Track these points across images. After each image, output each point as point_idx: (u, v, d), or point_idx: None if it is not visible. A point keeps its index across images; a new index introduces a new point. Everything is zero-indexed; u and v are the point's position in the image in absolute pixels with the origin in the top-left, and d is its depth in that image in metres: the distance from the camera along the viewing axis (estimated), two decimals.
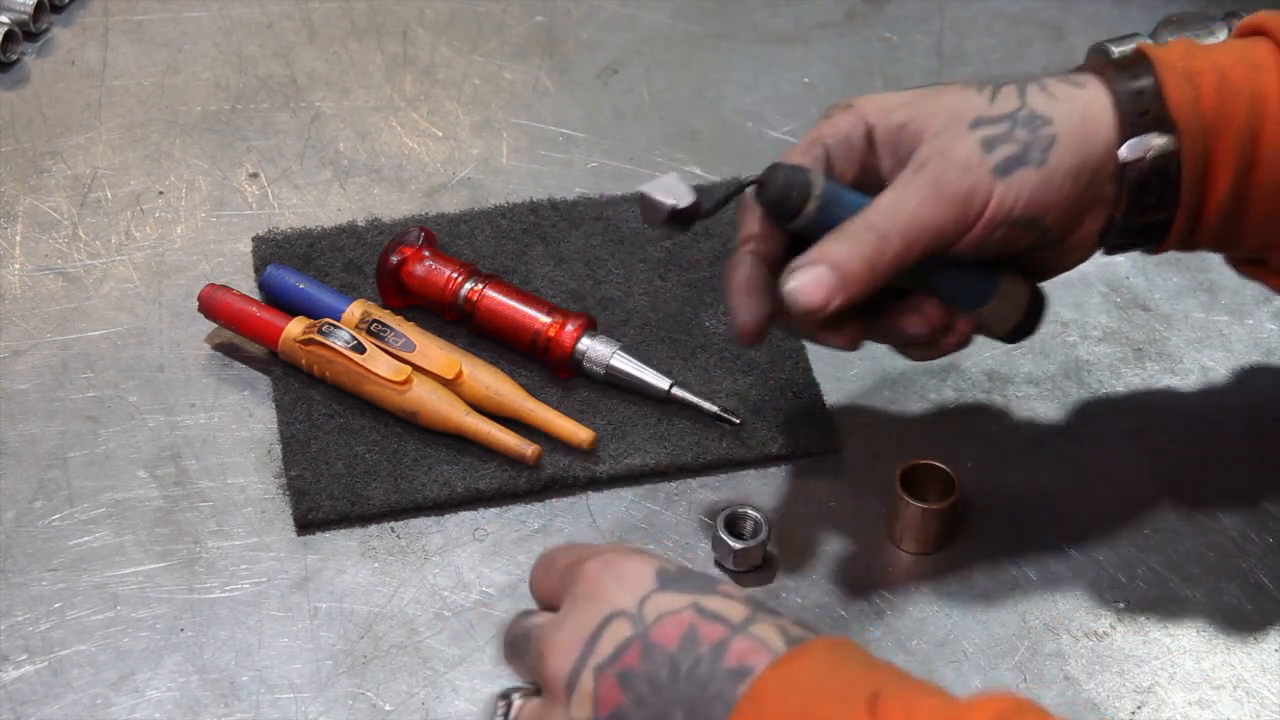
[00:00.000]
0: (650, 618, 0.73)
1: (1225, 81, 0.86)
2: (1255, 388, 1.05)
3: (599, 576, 0.75)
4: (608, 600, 0.74)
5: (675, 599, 0.73)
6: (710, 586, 0.74)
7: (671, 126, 1.19)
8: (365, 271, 1.07)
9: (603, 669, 0.73)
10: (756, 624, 0.72)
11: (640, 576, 0.74)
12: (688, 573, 0.75)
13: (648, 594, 0.74)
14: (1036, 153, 0.85)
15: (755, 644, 0.71)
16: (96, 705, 0.89)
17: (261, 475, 0.99)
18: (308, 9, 1.26)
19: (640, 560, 0.75)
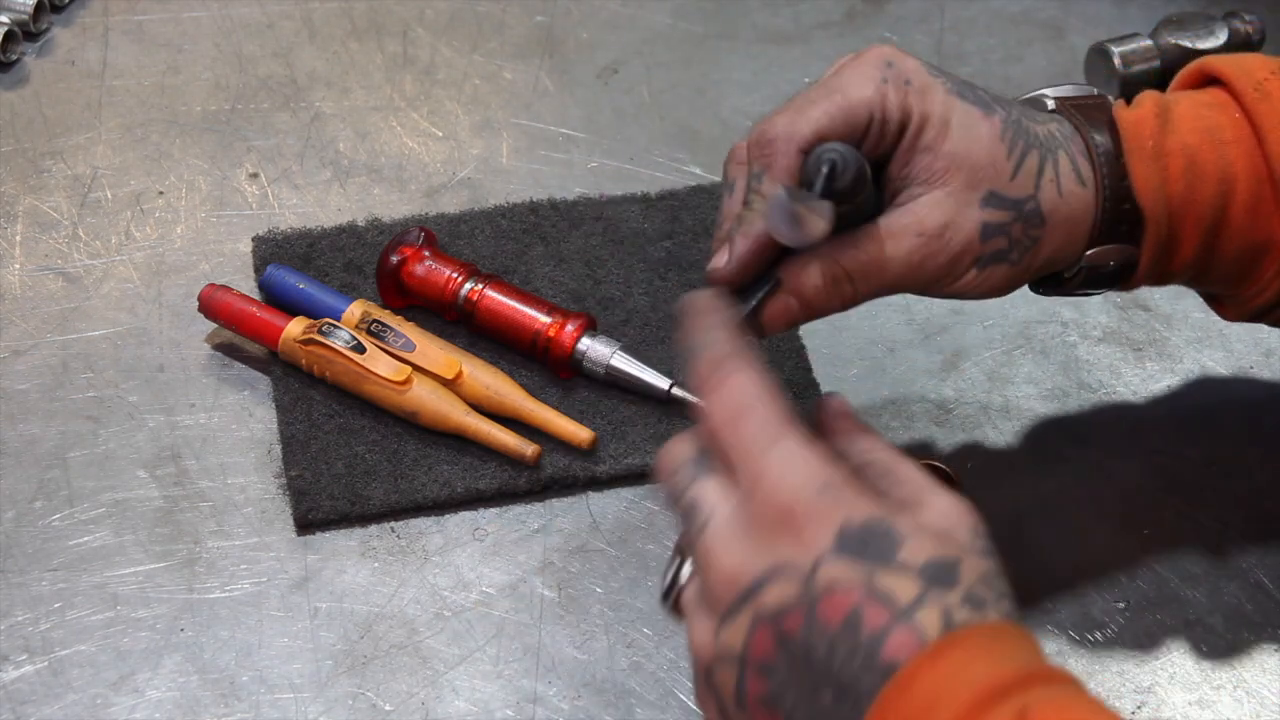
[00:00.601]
0: (819, 586, 0.70)
1: (1193, 164, 0.87)
2: (1255, 388, 1.05)
3: (780, 512, 0.72)
4: (782, 548, 0.71)
5: (848, 570, 0.70)
6: (889, 554, 0.70)
7: (671, 126, 1.19)
8: (365, 271, 1.07)
9: (762, 619, 0.71)
10: (923, 608, 0.69)
11: (821, 528, 0.71)
12: (871, 532, 0.71)
13: (822, 555, 0.71)
14: (1017, 253, 0.86)
15: (911, 636, 0.69)
16: (96, 705, 0.89)
17: (261, 475, 0.99)
18: (308, 9, 1.26)
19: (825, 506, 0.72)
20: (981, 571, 0.71)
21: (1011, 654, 0.69)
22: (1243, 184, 0.87)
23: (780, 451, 0.73)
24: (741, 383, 0.75)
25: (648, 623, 0.93)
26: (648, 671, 0.91)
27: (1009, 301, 1.07)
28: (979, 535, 0.73)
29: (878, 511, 0.72)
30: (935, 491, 0.74)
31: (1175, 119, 0.88)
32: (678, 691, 0.90)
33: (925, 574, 0.70)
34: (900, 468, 0.75)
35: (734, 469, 0.74)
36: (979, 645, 0.69)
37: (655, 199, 1.13)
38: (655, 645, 0.92)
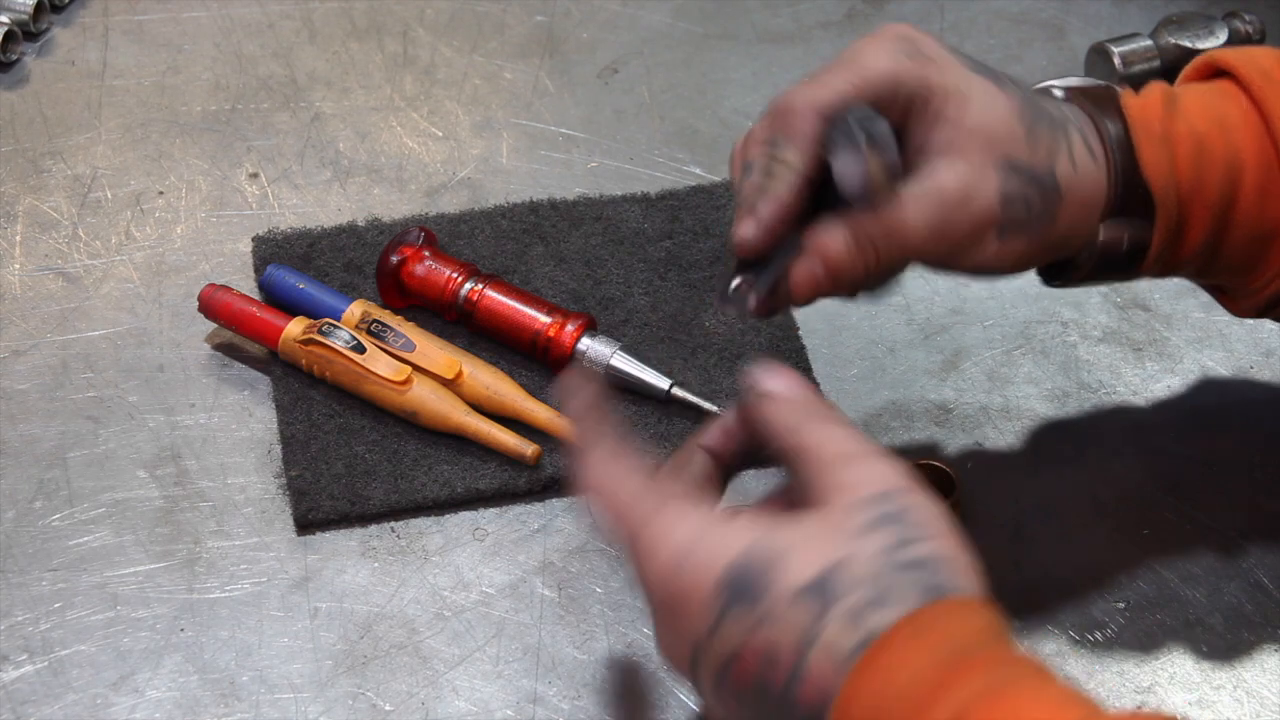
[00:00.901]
0: (724, 658, 0.71)
1: (1201, 148, 0.86)
2: (1255, 388, 1.05)
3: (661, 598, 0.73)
4: (686, 632, 0.73)
5: (735, 632, 0.71)
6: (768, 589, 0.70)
7: (671, 126, 1.19)
8: (365, 271, 1.07)
9: (715, 687, 0.73)
10: (810, 652, 0.69)
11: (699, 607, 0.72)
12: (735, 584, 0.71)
13: (713, 626, 0.71)
14: (1036, 225, 0.85)
15: (824, 665, 0.69)
16: (96, 705, 0.89)
17: (261, 475, 0.99)
18: (308, 9, 1.26)
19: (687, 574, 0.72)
20: (875, 559, 0.70)
21: (932, 648, 0.68)
22: (1251, 169, 0.87)
23: (640, 544, 0.75)
24: (593, 479, 0.77)
25: (648, 623, 0.93)
26: (648, 671, 0.91)
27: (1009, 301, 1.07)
28: (878, 501, 0.72)
29: (739, 552, 0.72)
30: (848, 463, 0.73)
31: (1183, 107, 0.88)
32: (678, 691, 0.91)
33: (811, 592, 0.70)
34: (815, 445, 0.74)
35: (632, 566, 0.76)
36: (890, 657, 0.68)
37: (655, 199, 1.13)
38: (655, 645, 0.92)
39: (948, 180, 0.84)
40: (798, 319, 1.06)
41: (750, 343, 1.04)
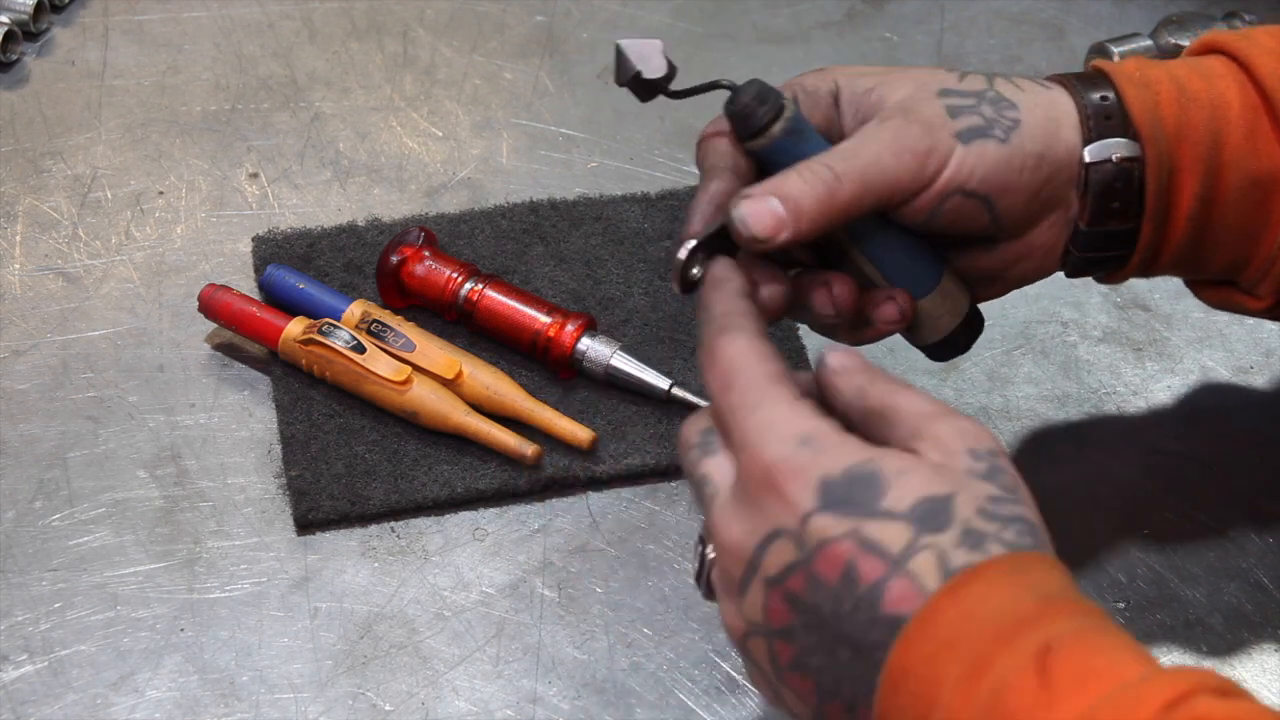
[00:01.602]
0: (811, 543, 0.71)
1: (1183, 90, 0.86)
2: (1255, 388, 1.05)
3: (763, 476, 0.72)
4: (772, 513, 0.72)
5: (835, 523, 0.70)
6: (874, 503, 0.70)
7: (671, 126, 1.19)
8: (365, 271, 1.07)
9: (771, 585, 0.72)
10: (916, 555, 0.69)
11: (803, 486, 0.71)
12: (853, 482, 0.71)
13: (809, 513, 0.71)
14: (1000, 130, 0.85)
15: (910, 586, 0.69)
16: (96, 705, 0.89)
17: (261, 475, 0.99)
18: (308, 9, 1.26)
19: (804, 462, 0.72)
20: (980, 503, 0.70)
21: (1025, 587, 0.68)
22: (1237, 110, 0.86)
23: (761, 413, 0.74)
24: (731, 351, 0.76)
25: (648, 623, 0.93)
26: (648, 671, 0.91)
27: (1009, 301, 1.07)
28: (981, 456, 0.72)
29: (860, 457, 0.72)
30: (937, 418, 0.73)
31: (1159, 62, 0.88)
32: (678, 691, 0.91)
33: (914, 517, 0.70)
34: (899, 403, 0.74)
35: (723, 439, 0.75)
36: (985, 586, 0.68)
37: (655, 199, 1.13)
38: (655, 645, 0.92)
39: (887, 101, 0.85)
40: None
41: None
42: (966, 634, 0.67)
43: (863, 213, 0.84)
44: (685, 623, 0.93)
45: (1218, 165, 0.86)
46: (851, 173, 0.83)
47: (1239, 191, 0.87)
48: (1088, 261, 0.89)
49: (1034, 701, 0.65)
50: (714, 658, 0.92)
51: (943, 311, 0.89)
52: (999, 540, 0.69)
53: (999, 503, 0.71)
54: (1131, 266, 0.89)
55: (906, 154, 0.83)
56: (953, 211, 0.85)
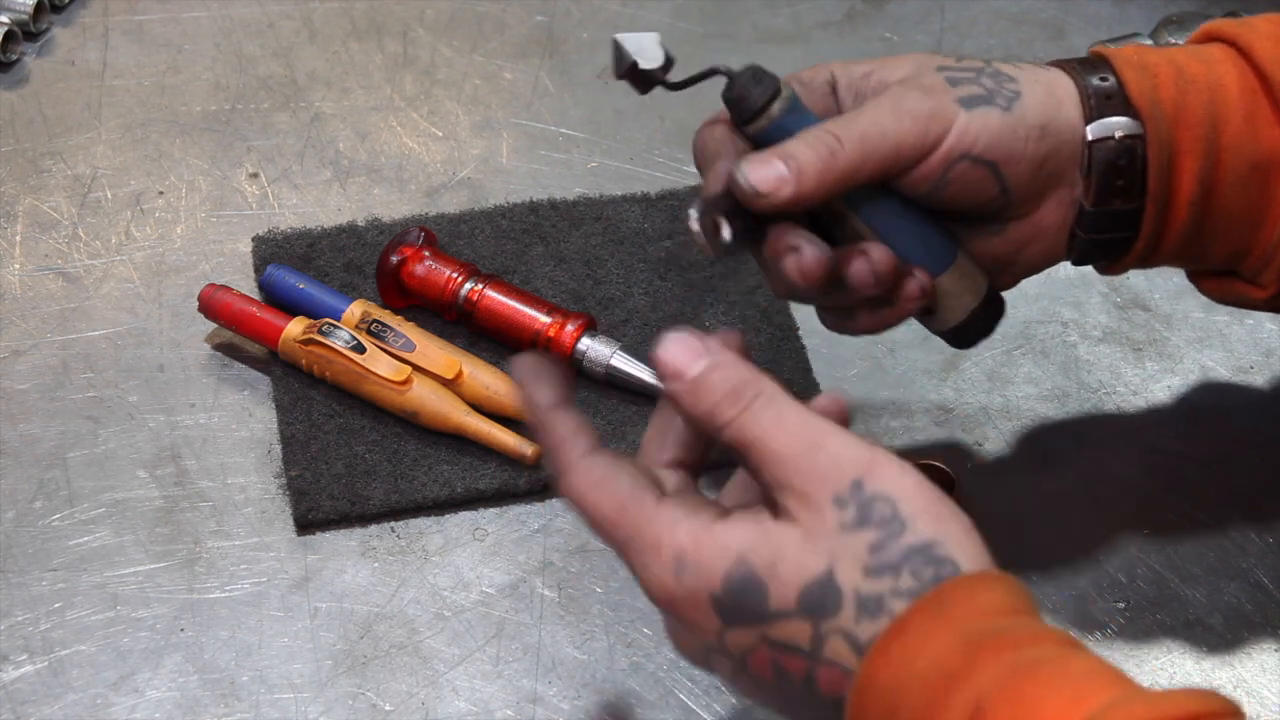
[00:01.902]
0: (737, 654, 0.71)
1: (1182, 74, 0.86)
2: (1255, 388, 1.05)
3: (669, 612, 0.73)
4: (695, 633, 0.72)
5: (744, 635, 0.71)
6: (762, 609, 0.70)
7: (671, 126, 1.19)
8: (365, 271, 1.07)
9: (734, 678, 0.73)
10: (825, 644, 0.69)
11: (701, 613, 0.71)
12: (734, 591, 0.70)
13: (720, 631, 0.71)
14: (1002, 100, 0.85)
15: (835, 672, 0.69)
16: (96, 705, 0.89)
17: (261, 475, 0.99)
18: (308, 9, 1.26)
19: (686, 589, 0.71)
20: (862, 561, 0.68)
21: (948, 632, 0.67)
22: (1235, 94, 0.86)
23: (632, 554, 0.73)
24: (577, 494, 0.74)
25: (648, 623, 0.93)
26: (648, 671, 0.91)
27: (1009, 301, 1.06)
28: (846, 502, 0.69)
29: (730, 559, 0.70)
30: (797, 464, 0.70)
31: (1158, 48, 0.88)
32: (678, 691, 0.91)
33: (805, 610, 0.69)
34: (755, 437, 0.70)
35: None
36: (903, 648, 0.67)
37: (655, 199, 1.13)
38: (655, 645, 0.92)
39: (892, 75, 0.85)
40: (797, 319, 1.06)
41: (750, 343, 1.04)
42: (902, 701, 0.66)
43: (866, 177, 0.83)
44: None
45: (1217, 148, 0.86)
46: (852, 135, 0.83)
47: (1239, 175, 0.87)
48: (1093, 244, 0.88)
49: None
50: None
51: (962, 290, 0.88)
52: (896, 594, 0.68)
53: (881, 550, 0.68)
54: (1135, 253, 0.88)
55: (907, 117, 0.83)
56: (960, 179, 0.84)
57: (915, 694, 0.66)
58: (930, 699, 0.66)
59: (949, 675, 0.66)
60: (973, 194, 0.85)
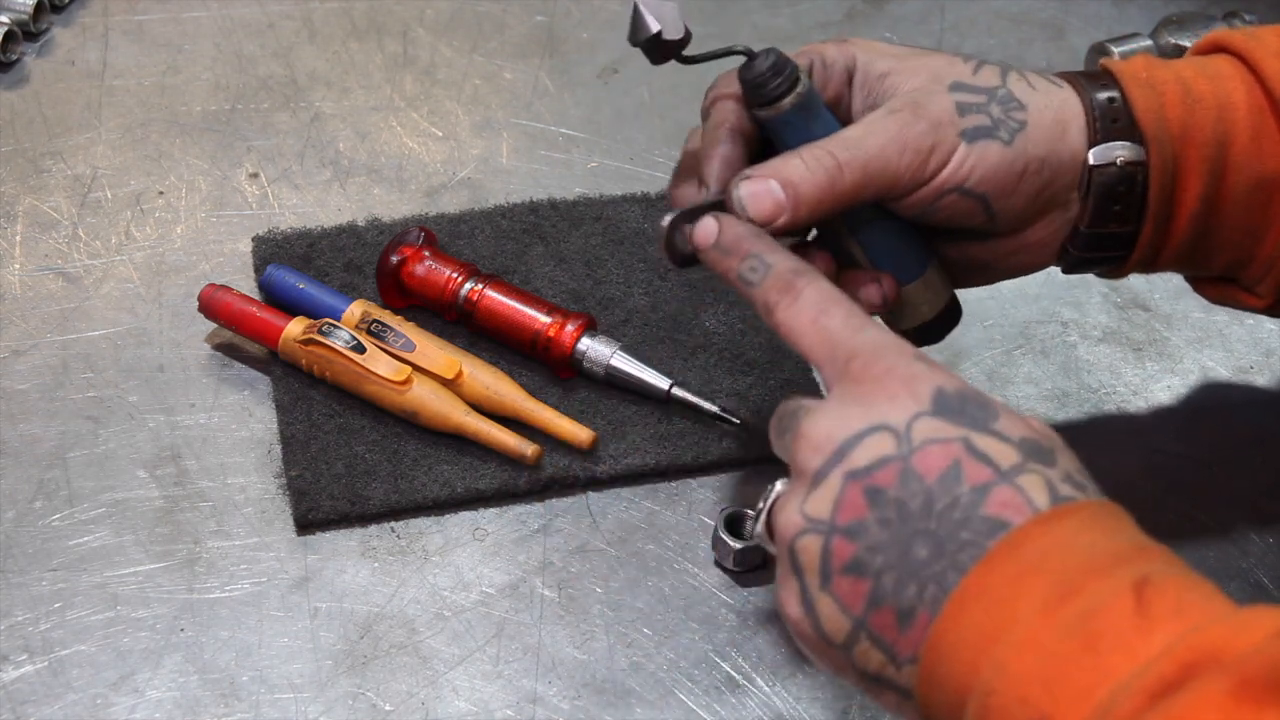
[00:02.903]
0: (916, 440, 0.71)
1: (1189, 92, 0.87)
2: (1255, 388, 1.05)
3: (875, 379, 0.73)
4: (877, 409, 0.72)
5: (946, 428, 0.71)
6: (986, 422, 0.71)
7: (671, 126, 1.19)
8: (365, 271, 1.07)
9: (853, 476, 0.71)
10: (1025, 474, 0.69)
11: (916, 391, 0.72)
12: (966, 399, 0.72)
13: (919, 414, 0.71)
14: (1005, 132, 0.85)
15: (1018, 497, 0.69)
16: (96, 705, 0.89)
17: (261, 475, 0.99)
18: (308, 9, 1.26)
19: (920, 371, 0.73)
20: (1075, 463, 0.71)
21: (1120, 532, 0.69)
22: (1244, 112, 0.86)
23: (873, 330, 0.75)
24: (817, 290, 0.77)
25: (648, 623, 0.93)
26: (648, 671, 0.91)
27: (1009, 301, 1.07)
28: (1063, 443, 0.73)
29: (971, 388, 0.72)
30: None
31: (1166, 62, 0.89)
32: (678, 691, 0.91)
33: (1023, 448, 0.70)
34: None
35: (824, 364, 0.75)
36: (1090, 518, 0.69)
37: (655, 199, 1.13)
38: (655, 645, 0.92)
39: (897, 93, 0.86)
40: None
41: (750, 343, 1.05)
42: (1058, 562, 0.67)
43: (860, 201, 0.85)
44: (685, 623, 0.93)
45: (1223, 167, 0.86)
46: (854, 164, 0.83)
47: (1243, 192, 0.87)
48: (1085, 261, 0.89)
49: (1130, 625, 0.65)
50: (714, 658, 0.92)
51: (923, 300, 0.89)
52: (1095, 494, 0.70)
53: (1085, 474, 0.71)
54: (1130, 265, 0.89)
55: (909, 151, 0.84)
56: (949, 208, 0.85)
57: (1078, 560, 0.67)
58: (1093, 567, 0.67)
59: (1117, 556, 0.67)
60: (960, 220, 0.87)
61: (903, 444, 0.71)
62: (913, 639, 0.69)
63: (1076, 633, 0.65)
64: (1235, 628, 0.63)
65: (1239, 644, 0.62)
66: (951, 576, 0.68)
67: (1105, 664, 0.64)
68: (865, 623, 0.71)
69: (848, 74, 0.88)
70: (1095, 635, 0.65)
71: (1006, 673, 0.66)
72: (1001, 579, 0.67)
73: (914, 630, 0.69)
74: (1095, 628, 0.65)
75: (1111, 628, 0.65)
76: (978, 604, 0.68)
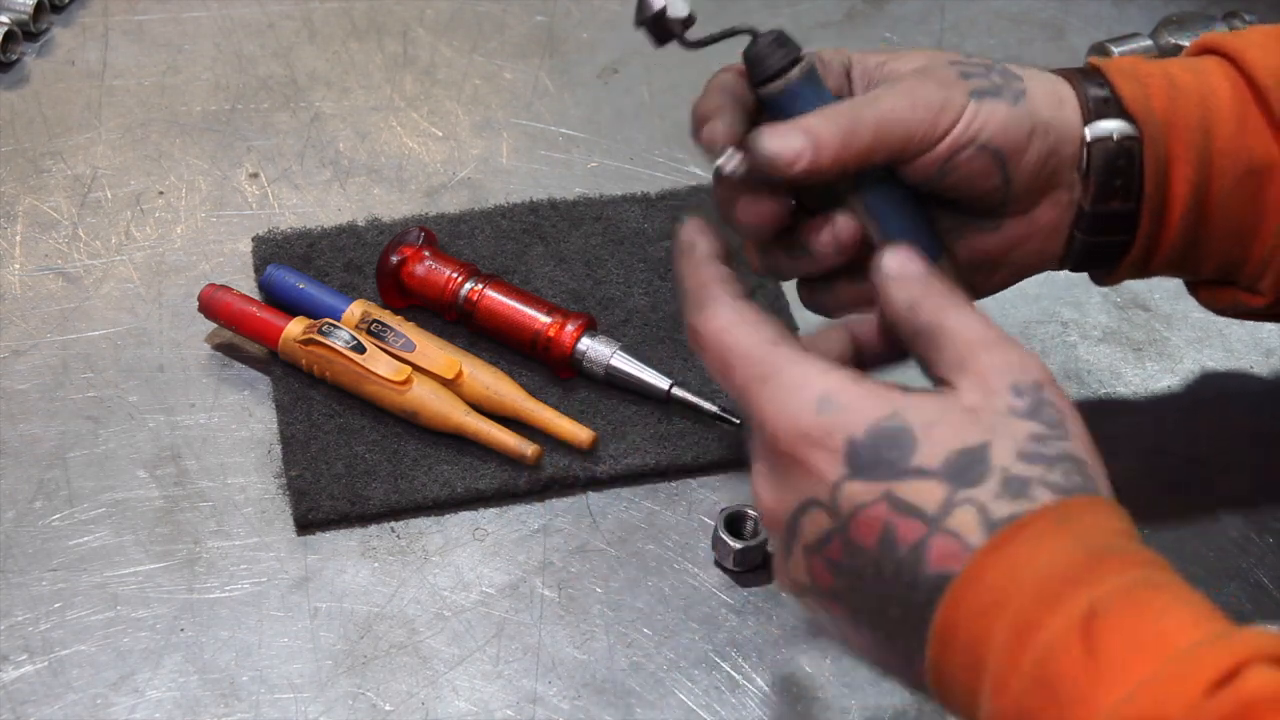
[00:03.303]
0: (845, 512, 0.70)
1: (1173, 83, 0.87)
2: (1255, 388, 1.05)
3: (786, 453, 0.72)
4: (799, 485, 0.72)
5: (865, 489, 0.70)
6: (903, 461, 0.69)
7: (671, 126, 1.19)
8: (365, 271, 1.07)
9: (810, 551, 0.72)
10: (954, 511, 0.68)
11: (828, 455, 0.71)
12: (880, 441, 0.70)
13: (837, 481, 0.71)
14: (1009, 94, 0.86)
15: (952, 544, 0.68)
16: (96, 705, 0.89)
17: (261, 475, 0.99)
18: (308, 9, 1.26)
19: (824, 428, 0.71)
20: (1020, 445, 0.69)
21: (1073, 538, 0.67)
22: (1226, 102, 0.87)
23: (770, 385, 0.73)
24: (715, 326, 0.76)
25: (648, 623, 0.93)
26: (648, 671, 0.91)
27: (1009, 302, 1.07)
28: (1024, 391, 0.71)
29: (884, 412, 0.71)
30: (983, 349, 0.73)
31: (1153, 60, 0.90)
32: (678, 691, 0.91)
33: (947, 473, 0.69)
34: (948, 326, 0.74)
35: (749, 416, 0.74)
36: (1029, 541, 0.67)
37: (655, 199, 1.13)
38: (655, 645, 0.92)
39: (906, 66, 0.87)
40: (797, 319, 1.06)
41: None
42: (1012, 594, 0.66)
43: (878, 159, 0.84)
44: (685, 623, 0.93)
45: (1209, 154, 0.87)
46: (868, 120, 0.83)
47: (1232, 181, 0.87)
48: (1091, 247, 0.89)
49: (1080, 672, 0.64)
50: (714, 658, 0.92)
51: None
52: (1044, 484, 0.68)
53: (1042, 441, 0.70)
54: (1130, 259, 0.89)
55: (920, 107, 0.84)
56: (965, 167, 0.85)
57: (1028, 591, 0.66)
58: (1042, 598, 0.66)
59: (1067, 579, 0.66)
60: (975, 183, 0.86)
61: (835, 518, 0.71)
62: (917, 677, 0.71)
63: (1036, 683, 0.65)
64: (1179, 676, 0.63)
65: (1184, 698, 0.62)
66: (922, 631, 0.69)
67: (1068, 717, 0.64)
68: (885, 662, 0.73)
69: (845, 70, 0.88)
70: (1053, 684, 0.64)
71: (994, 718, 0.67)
72: (964, 628, 0.67)
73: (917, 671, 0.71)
74: (1051, 675, 0.65)
75: (1066, 677, 0.64)
76: (954, 651, 0.68)
